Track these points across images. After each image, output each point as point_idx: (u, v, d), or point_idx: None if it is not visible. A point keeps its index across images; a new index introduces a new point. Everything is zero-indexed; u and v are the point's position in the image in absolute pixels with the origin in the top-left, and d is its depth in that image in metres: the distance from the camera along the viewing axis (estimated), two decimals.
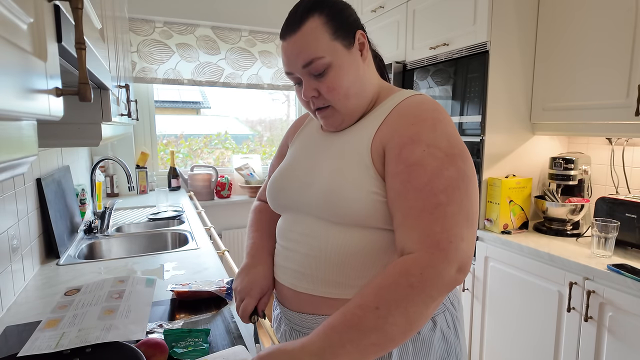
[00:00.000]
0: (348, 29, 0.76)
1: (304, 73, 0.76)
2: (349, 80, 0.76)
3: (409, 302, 0.59)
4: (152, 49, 2.86)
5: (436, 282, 0.61)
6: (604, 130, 1.64)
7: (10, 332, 0.98)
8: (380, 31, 2.49)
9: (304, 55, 0.74)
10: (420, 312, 0.60)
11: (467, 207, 0.66)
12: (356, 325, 0.58)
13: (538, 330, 1.64)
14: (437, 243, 0.62)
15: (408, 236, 0.65)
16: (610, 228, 1.49)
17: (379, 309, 0.58)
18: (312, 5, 0.74)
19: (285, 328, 0.85)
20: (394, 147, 0.70)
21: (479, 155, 1.88)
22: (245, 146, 3.58)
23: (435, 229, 0.63)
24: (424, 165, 0.66)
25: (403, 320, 0.59)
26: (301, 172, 0.83)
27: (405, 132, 0.70)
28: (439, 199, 0.64)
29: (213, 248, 1.66)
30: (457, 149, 0.69)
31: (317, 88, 0.76)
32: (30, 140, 0.42)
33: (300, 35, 0.74)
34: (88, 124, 0.97)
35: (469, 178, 0.68)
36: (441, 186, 0.65)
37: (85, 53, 0.47)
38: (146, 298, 0.97)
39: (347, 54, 0.76)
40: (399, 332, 0.59)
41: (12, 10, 0.34)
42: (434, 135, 0.69)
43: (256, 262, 0.87)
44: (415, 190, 0.66)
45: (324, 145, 0.84)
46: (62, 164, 1.88)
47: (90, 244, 1.76)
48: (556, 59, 1.80)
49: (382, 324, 0.58)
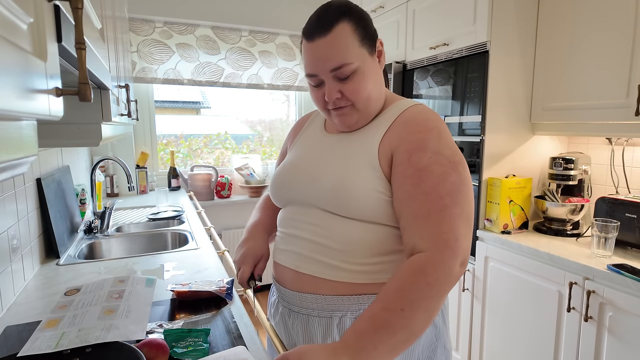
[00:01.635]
0: (372, 37, 0.81)
1: (330, 76, 0.79)
2: (371, 84, 0.81)
3: (428, 300, 0.66)
4: (152, 49, 2.86)
5: (447, 278, 0.68)
6: (603, 130, 1.64)
7: (10, 332, 0.98)
8: (380, 31, 2.49)
9: (335, 60, 0.76)
10: (437, 306, 0.68)
11: (467, 209, 0.74)
12: (384, 327, 0.64)
13: (538, 330, 1.64)
14: (446, 242, 0.69)
15: (418, 235, 0.72)
16: (610, 228, 1.49)
17: (404, 310, 0.65)
18: (343, 10, 0.77)
19: (284, 310, 0.89)
20: (403, 152, 0.77)
21: (479, 155, 1.88)
22: (245, 146, 3.58)
23: (443, 229, 0.70)
24: (431, 171, 0.73)
25: (425, 316, 0.66)
26: (308, 168, 0.87)
27: (413, 138, 0.77)
28: (444, 202, 0.71)
29: (213, 248, 1.66)
30: (458, 157, 0.77)
31: (341, 90, 0.80)
32: (30, 140, 0.42)
33: (331, 38, 0.76)
34: (88, 124, 0.97)
35: (468, 182, 0.76)
36: (446, 190, 0.72)
37: (85, 53, 0.47)
38: (146, 298, 0.97)
39: (371, 61, 0.81)
40: (422, 327, 0.66)
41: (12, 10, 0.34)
42: (440, 144, 0.76)
43: (250, 236, 0.97)
44: (424, 193, 0.73)
45: (330, 145, 0.88)
46: (62, 164, 1.88)
47: (90, 244, 1.76)
48: (556, 58, 1.80)
49: (407, 323, 0.64)
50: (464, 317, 2.01)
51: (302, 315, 0.85)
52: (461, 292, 2.00)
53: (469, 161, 1.94)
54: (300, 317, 0.85)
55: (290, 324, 0.87)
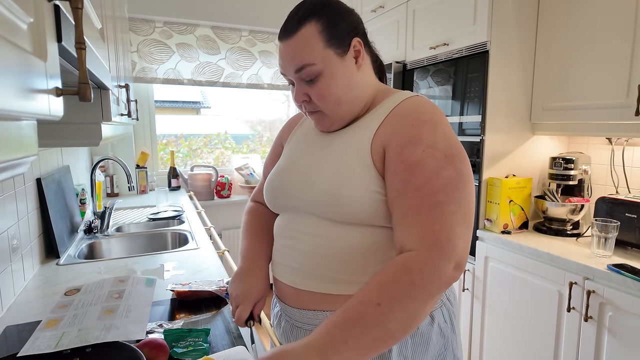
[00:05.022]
0: (344, 37, 0.76)
1: (296, 77, 0.77)
2: (340, 88, 0.76)
3: (409, 299, 0.60)
4: (152, 49, 2.86)
5: (435, 280, 0.62)
6: (604, 130, 1.64)
7: (10, 332, 0.98)
8: (380, 31, 2.49)
9: (296, 61, 0.75)
10: (420, 308, 0.62)
11: (464, 207, 0.67)
12: (358, 321, 0.59)
13: (538, 330, 1.64)
14: (436, 241, 0.64)
15: (408, 233, 0.66)
16: (610, 228, 1.49)
17: (380, 305, 0.59)
18: (312, 11, 0.74)
19: (286, 325, 0.85)
20: (394, 147, 0.71)
21: (479, 155, 1.88)
22: (245, 146, 3.58)
23: (434, 227, 0.64)
24: (424, 165, 0.68)
25: (404, 316, 0.60)
26: (301, 171, 0.82)
27: (406, 132, 0.72)
28: (437, 198, 0.66)
29: (213, 248, 1.66)
30: (456, 150, 0.70)
31: (307, 93, 0.77)
32: (30, 140, 0.42)
33: (294, 40, 0.74)
34: (88, 124, 0.97)
35: (466, 178, 0.69)
36: (440, 185, 0.66)
37: (85, 53, 0.47)
38: (146, 298, 0.97)
39: (339, 62, 0.76)
40: (400, 328, 0.60)
41: (12, 10, 0.34)
42: (434, 136, 0.70)
43: (252, 267, 0.88)
44: (415, 189, 0.67)
45: (323, 144, 0.83)
46: (62, 163, 1.88)
47: (90, 244, 1.76)
48: (556, 58, 1.80)
49: (383, 319, 0.59)
50: (464, 317, 2.00)
51: (306, 331, 0.81)
52: (461, 292, 2.00)
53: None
54: (303, 332, 0.81)
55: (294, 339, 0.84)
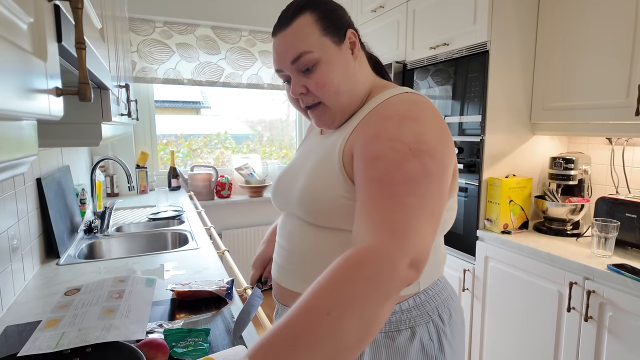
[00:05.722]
0: (339, 27, 0.76)
1: (293, 69, 0.76)
2: (339, 77, 0.75)
3: (364, 301, 0.50)
4: (152, 49, 2.86)
5: (390, 275, 0.53)
6: (604, 130, 1.64)
7: (10, 332, 0.98)
8: (380, 31, 2.49)
9: (292, 50, 0.74)
10: (377, 312, 0.52)
11: (428, 205, 0.60)
12: (305, 338, 0.47)
13: (538, 330, 1.64)
14: (392, 231, 0.56)
15: (363, 224, 0.59)
16: (610, 228, 1.49)
17: (330, 315, 0.49)
18: (305, 4, 0.75)
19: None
20: (358, 147, 0.69)
21: (479, 155, 1.88)
22: (245, 146, 3.58)
23: (393, 217, 0.57)
24: (384, 157, 0.63)
25: (360, 323, 0.50)
26: (290, 174, 0.85)
27: (370, 130, 0.69)
28: (395, 189, 0.60)
29: (213, 248, 1.66)
30: (427, 146, 0.64)
31: (305, 85, 0.76)
32: (30, 140, 0.42)
33: (290, 30, 0.74)
34: (88, 123, 0.97)
35: (434, 177, 0.62)
36: (400, 177, 0.60)
37: (85, 53, 0.47)
38: (146, 298, 0.97)
39: (336, 51, 0.75)
40: (357, 338, 0.50)
41: (12, 10, 0.34)
42: (398, 130, 0.66)
43: (269, 237, 1.03)
44: (373, 180, 0.62)
45: (312, 148, 0.85)
46: (62, 163, 1.88)
47: (90, 244, 1.76)
48: (556, 58, 1.80)
49: (335, 332, 0.48)
50: (464, 317, 2.01)
51: None
52: (461, 292, 2.01)
53: (469, 161, 1.94)
54: None
55: None
